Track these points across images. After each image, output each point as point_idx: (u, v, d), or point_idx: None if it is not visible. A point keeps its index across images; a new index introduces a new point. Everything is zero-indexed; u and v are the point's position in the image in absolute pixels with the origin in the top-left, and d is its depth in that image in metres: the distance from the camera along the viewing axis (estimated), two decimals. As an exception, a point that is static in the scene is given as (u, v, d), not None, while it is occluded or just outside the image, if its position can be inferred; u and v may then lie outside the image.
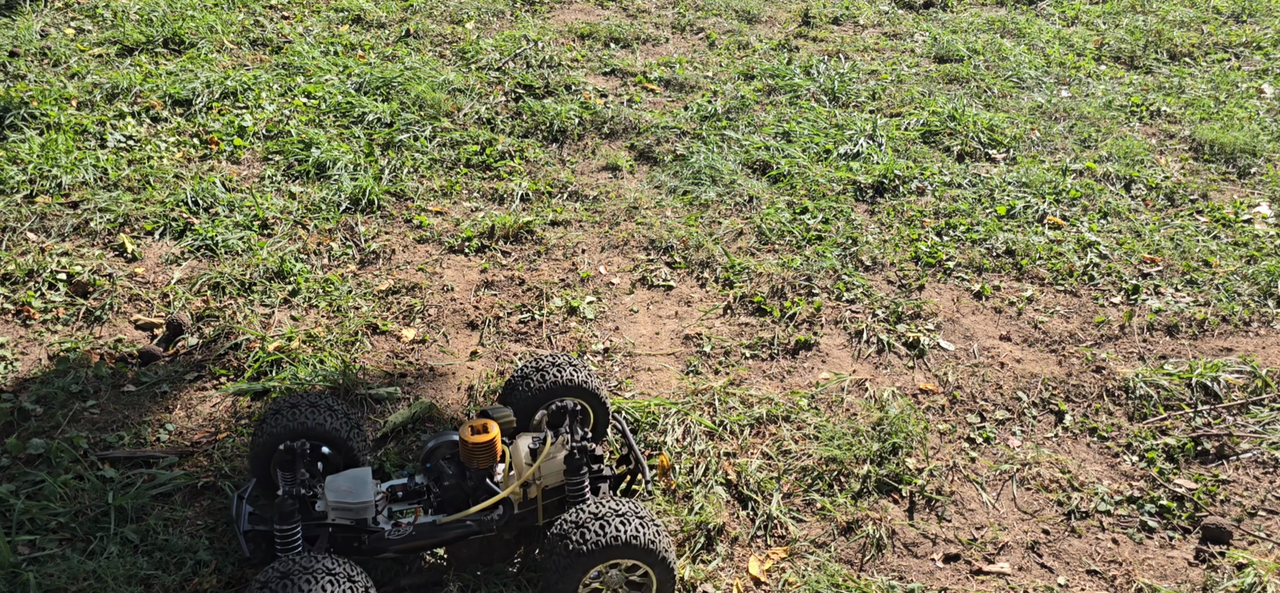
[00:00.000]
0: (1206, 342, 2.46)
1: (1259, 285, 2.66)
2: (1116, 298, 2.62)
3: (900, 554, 1.84)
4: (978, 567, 1.82)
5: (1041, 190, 3.09)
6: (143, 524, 1.77)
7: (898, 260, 2.73)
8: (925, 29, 4.54)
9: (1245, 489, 2.01)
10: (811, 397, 2.20)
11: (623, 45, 4.16)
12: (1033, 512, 1.95)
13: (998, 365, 2.34)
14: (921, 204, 3.01)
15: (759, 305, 2.52)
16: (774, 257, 2.72)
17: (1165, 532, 1.92)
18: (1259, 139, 3.46)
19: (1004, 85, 3.92)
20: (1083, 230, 2.90)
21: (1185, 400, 2.24)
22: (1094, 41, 4.43)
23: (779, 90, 3.77)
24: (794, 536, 1.85)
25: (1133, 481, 2.03)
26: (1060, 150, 3.41)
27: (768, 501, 1.91)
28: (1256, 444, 2.12)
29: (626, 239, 2.78)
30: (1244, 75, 4.11)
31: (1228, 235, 2.92)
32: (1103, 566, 1.83)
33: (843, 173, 3.14)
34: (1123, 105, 3.78)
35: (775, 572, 1.78)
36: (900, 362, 2.35)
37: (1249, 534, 1.90)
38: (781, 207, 2.94)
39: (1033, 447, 2.10)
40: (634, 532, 1.52)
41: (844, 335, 2.43)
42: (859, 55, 4.20)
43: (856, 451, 2.03)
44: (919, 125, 3.49)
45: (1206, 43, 4.46)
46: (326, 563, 1.43)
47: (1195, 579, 1.81)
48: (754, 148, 3.28)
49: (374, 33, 4.05)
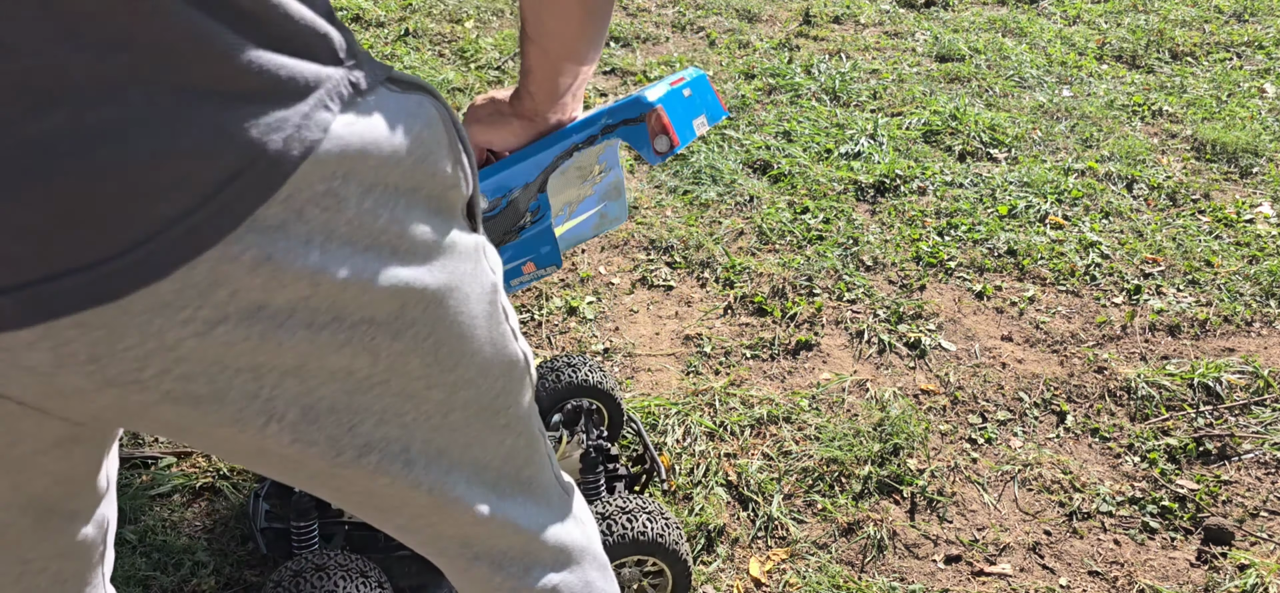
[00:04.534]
0: (1208, 342, 2.46)
1: (1261, 286, 2.65)
2: (1118, 298, 2.61)
3: (901, 555, 1.83)
4: (979, 568, 1.81)
5: (1043, 190, 3.08)
6: (140, 525, 1.77)
7: (899, 260, 2.72)
8: (926, 28, 4.53)
9: (1247, 490, 2.00)
10: (812, 397, 2.19)
11: (622, 44, 4.15)
12: (1034, 513, 1.94)
13: (999, 366, 2.34)
14: (923, 204, 3.00)
15: (760, 306, 2.51)
16: (775, 256, 2.72)
17: (1167, 533, 1.91)
18: (1261, 139, 3.45)
19: (1005, 84, 3.91)
20: (1084, 230, 2.89)
21: (1187, 401, 2.23)
22: (1096, 40, 4.42)
23: (780, 89, 3.76)
24: (795, 537, 1.85)
25: (1134, 481, 2.02)
26: (1062, 150, 3.41)
27: (768, 502, 1.91)
28: (1258, 445, 2.11)
29: (626, 239, 2.77)
30: (1246, 75, 4.11)
31: (1230, 235, 2.91)
32: (1104, 567, 1.83)
33: (844, 172, 3.14)
34: (1124, 104, 3.78)
35: (776, 573, 1.77)
36: (901, 362, 2.34)
37: (1251, 535, 1.90)
38: (782, 206, 2.94)
39: (1034, 448, 2.10)
40: (651, 529, 1.52)
41: (845, 336, 2.42)
42: (860, 54, 4.19)
43: (857, 451, 2.02)
44: (920, 125, 3.49)
45: (1208, 42, 4.45)
46: (344, 561, 1.44)
47: (1197, 580, 1.81)
48: (755, 147, 3.27)
49: (373, 32, 4.04)
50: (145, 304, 0.63)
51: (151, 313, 0.64)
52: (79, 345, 0.63)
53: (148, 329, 0.64)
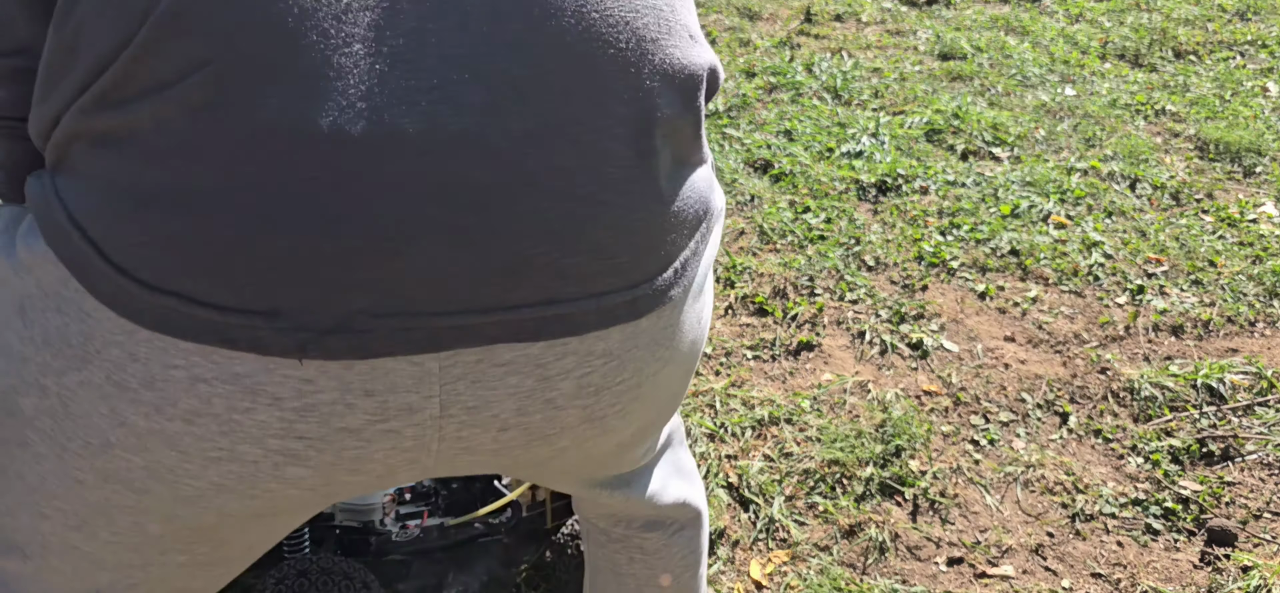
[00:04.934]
0: (1212, 342, 2.45)
1: (1264, 286, 2.64)
2: (1121, 298, 2.60)
3: (903, 558, 1.82)
4: (981, 570, 1.81)
5: (1046, 189, 3.07)
6: (139, 527, 1.76)
7: (901, 260, 2.71)
8: (928, 26, 4.52)
9: (1251, 491, 1.99)
10: (814, 398, 2.18)
11: (624, 43, 4.15)
12: (1037, 514, 1.93)
13: (1002, 367, 2.33)
14: (925, 203, 2.99)
15: (760, 306, 2.50)
16: (776, 256, 2.71)
17: (1170, 534, 1.90)
18: (1265, 138, 3.44)
19: (1008, 83, 3.90)
20: (1087, 230, 2.88)
21: (1191, 402, 2.22)
22: (1098, 39, 4.41)
23: (781, 87, 3.75)
24: (796, 539, 1.84)
25: (1138, 483, 2.01)
26: (1065, 149, 3.40)
27: (769, 503, 1.90)
28: (1262, 446, 2.10)
29: (627, 238, 2.76)
30: (1249, 74, 4.09)
31: (1233, 235, 2.90)
32: (1107, 569, 1.82)
33: (845, 171, 3.13)
34: (1127, 103, 3.76)
35: (777, 576, 1.77)
36: (903, 363, 2.33)
37: (1254, 536, 1.89)
38: (783, 205, 2.93)
39: (1037, 449, 2.09)
40: None
41: (847, 336, 2.41)
42: (862, 52, 4.18)
43: (859, 453, 2.01)
44: (922, 123, 3.48)
45: (1211, 41, 4.44)
46: (334, 565, 1.43)
47: (1200, 582, 1.80)
48: (755, 146, 3.26)
49: (374, 30, 4.04)
50: (650, 338, 0.80)
51: (649, 349, 0.80)
52: (596, 375, 0.76)
53: (640, 364, 0.79)
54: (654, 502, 1.05)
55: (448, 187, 0.68)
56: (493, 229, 0.69)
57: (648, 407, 0.84)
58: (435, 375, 0.70)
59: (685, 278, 0.79)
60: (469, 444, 0.75)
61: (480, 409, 0.72)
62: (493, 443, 0.76)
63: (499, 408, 0.73)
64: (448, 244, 0.68)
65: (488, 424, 0.74)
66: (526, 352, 0.72)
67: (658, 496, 1.06)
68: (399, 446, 0.72)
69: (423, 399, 0.70)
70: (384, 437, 0.71)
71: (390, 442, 0.72)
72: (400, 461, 0.74)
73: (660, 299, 0.77)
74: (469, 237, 0.69)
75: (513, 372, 0.72)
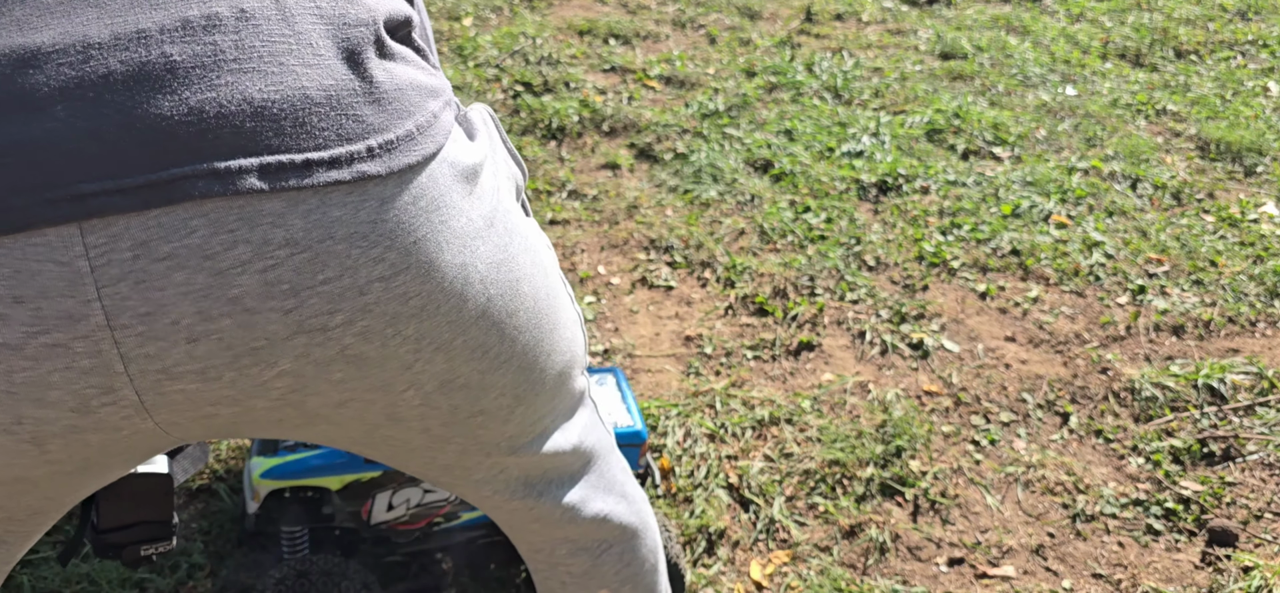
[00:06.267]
0: (1213, 342, 2.44)
1: (1266, 286, 2.64)
2: (1122, 298, 2.60)
3: (904, 558, 1.82)
4: (982, 571, 1.80)
5: (1047, 189, 3.07)
6: (138, 527, 1.76)
7: (902, 260, 2.71)
8: (929, 26, 4.51)
9: (1252, 491, 1.99)
10: (814, 398, 2.18)
11: (623, 41, 4.14)
12: (1038, 515, 1.93)
13: (1003, 367, 2.32)
14: (926, 203, 2.99)
15: (761, 306, 2.50)
16: (776, 256, 2.70)
17: (1171, 535, 1.90)
18: (1266, 137, 3.44)
19: (1009, 83, 3.90)
20: (1088, 230, 2.87)
21: (1191, 402, 2.21)
22: (1099, 39, 4.40)
23: (781, 87, 3.75)
24: (796, 539, 1.83)
25: (1138, 483, 2.01)
26: (1066, 149, 3.39)
27: (770, 504, 1.89)
28: (1263, 446, 2.10)
29: (626, 238, 2.76)
30: (1250, 73, 4.09)
31: (1234, 235, 2.90)
32: (1108, 569, 1.81)
33: (846, 171, 3.12)
34: (1128, 103, 3.76)
35: (777, 576, 1.76)
36: (904, 363, 2.32)
37: (1255, 537, 1.88)
38: (784, 205, 2.92)
39: (1038, 449, 2.08)
40: None
41: (847, 336, 2.41)
42: (862, 52, 4.17)
43: (860, 453, 2.01)
44: (923, 123, 3.47)
45: (1212, 40, 4.44)
46: (334, 565, 1.43)
47: (1201, 582, 1.79)
48: (756, 146, 3.26)
49: (374, 29, 4.04)
50: (348, 229, 0.68)
51: (350, 242, 0.68)
52: (285, 269, 0.66)
53: (345, 262, 0.68)
54: (574, 517, 1.02)
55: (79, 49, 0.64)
56: (130, 91, 0.64)
57: (404, 332, 0.72)
58: (88, 275, 0.62)
59: (389, 159, 0.69)
60: (166, 367, 0.66)
61: (155, 314, 0.64)
62: (191, 362, 0.66)
63: (176, 312, 0.64)
64: (85, 111, 0.63)
65: (171, 335, 0.65)
66: (187, 243, 0.63)
67: (579, 508, 1.02)
68: (76, 366, 0.64)
69: (81, 305, 0.63)
70: (51, 353, 0.63)
71: (63, 360, 0.64)
72: (93, 390, 0.65)
73: (344, 175, 0.67)
74: (104, 102, 0.63)
75: (177, 267, 0.63)
